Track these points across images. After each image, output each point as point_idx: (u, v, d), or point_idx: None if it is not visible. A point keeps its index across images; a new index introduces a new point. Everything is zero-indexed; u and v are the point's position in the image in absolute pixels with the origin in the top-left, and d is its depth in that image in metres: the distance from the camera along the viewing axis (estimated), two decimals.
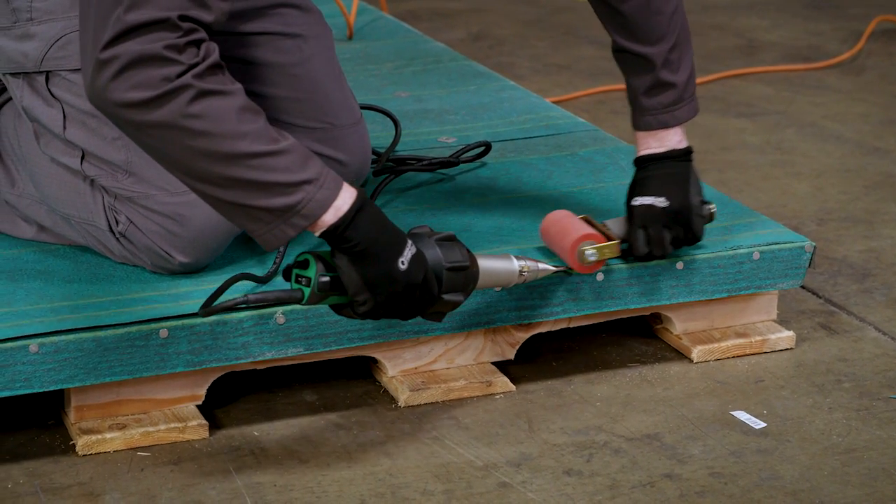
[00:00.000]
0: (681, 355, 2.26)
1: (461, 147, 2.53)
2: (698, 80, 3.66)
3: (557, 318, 2.17)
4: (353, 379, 2.16)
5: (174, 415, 2.01)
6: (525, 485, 1.91)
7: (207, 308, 1.89)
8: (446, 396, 2.11)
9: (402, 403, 2.10)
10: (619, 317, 2.23)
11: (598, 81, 3.67)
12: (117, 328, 1.95)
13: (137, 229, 2.07)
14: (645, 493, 1.90)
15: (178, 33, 1.74)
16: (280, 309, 2.01)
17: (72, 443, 1.98)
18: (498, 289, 2.10)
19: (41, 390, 1.93)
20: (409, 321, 2.07)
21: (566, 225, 2.13)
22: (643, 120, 2.16)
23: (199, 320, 1.97)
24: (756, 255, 2.23)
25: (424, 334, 2.10)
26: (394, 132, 2.58)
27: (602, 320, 2.23)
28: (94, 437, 1.96)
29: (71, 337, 1.93)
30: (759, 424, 2.06)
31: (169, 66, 1.73)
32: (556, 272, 2.10)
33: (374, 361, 2.14)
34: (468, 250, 1.96)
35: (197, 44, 1.76)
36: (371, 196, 2.33)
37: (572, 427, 2.05)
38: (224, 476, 1.92)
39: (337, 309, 1.91)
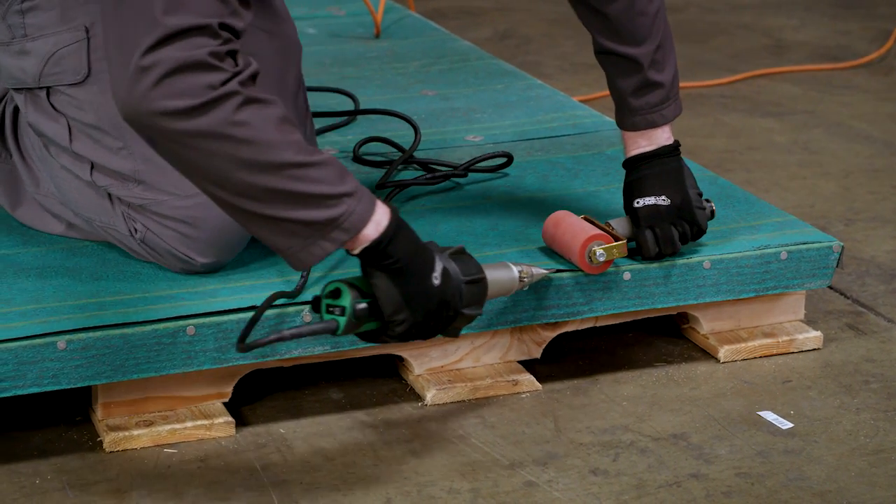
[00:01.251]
0: (707, 355, 2.25)
1: (476, 157, 2.49)
2: (725, 80, 3.66)
3: (584, 317, 2.16)
4: (380, 377, 2.16)
5: (201, 412, 2.02)
6: (551, 484, 1.91)
7: (244, 344, 1.85)
8: (472, 395, 2.11)
9: (428, 402, 2.10)
10: (645, 316, 2.23)
11: None
12: (144, 325, 1.95)
13: (155, 235, 2.06)
14: (671, 492, 1.89)
15: (219, 41, 1.71)
16: (306, 308, 2.01)
17: (99, 439, 1.98)
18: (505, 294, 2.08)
19: (69, 387, 1.94)
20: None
21: (572, 226, 2.12)
22: (632, 120, 2.15)
23: (226, 318, 1.97)
24: (784, 255, 2.23)
25: None
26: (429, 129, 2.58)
27: (629, 320, 2.22)
28: (121, 434, 1.96)
29: (98, 334, 1.93)
30: (787, 425, 2.06)
31: (214, 73, 1.69)
32: (550, 273, 2.09)
33: (401, 360, 2.14)
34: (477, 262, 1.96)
35: (233, 54, 1.73)
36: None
37: (598, 426, 2.05)
38: (250, 473, 1.92)
39: (368, 336, 1.88)
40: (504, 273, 2.02)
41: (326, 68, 3.12)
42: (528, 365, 2.18)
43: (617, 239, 2.12)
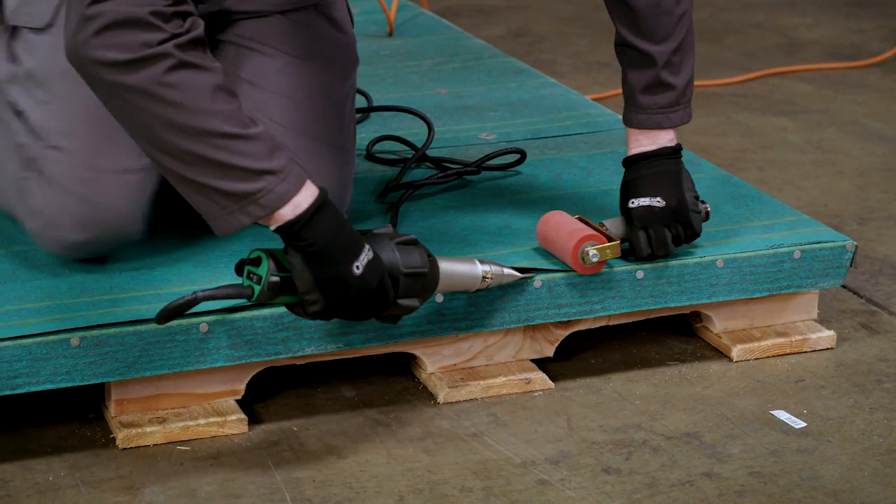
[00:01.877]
0: (720, 354, 2.25)
1: (489, 154, 2.49)
2: (738, 79, 3.65)
3: (597, 315, 2.16)
4: (392, 375, 2.17)
5: (214, 409, 2.02)
6: (564, 482, 1.91)
7: (160, 315, 1.85)
8: (485, 393, 2.11)
9: (440, 400, 2.10)
10: (658, 315, 2.23)
11: None
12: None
13: (35, 188, 2.06)
14: (684, 491, 1.89)
15: (167, 1, 1.74)
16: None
17: (112, 436, 1.99)
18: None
19: (82, 384, 1.94)
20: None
21: (565, 226, 2.12)
22: (637, 117, 2.15)
23: (239, 315, 1.98)
24: (797, 254, 2.22)
25: (464, 331, 2.10)
26: (444, 127, 2.58)
27: (642, 318, 2.22)
28: (134, 431, 1.97)
29: (112, 331, 1.93)
30: (800, 424, 2.06)
31: (152, 31, 1.73)
32: (523, 277, 2.08)
33: (413, 358, 2.15)
34: (429, 254, 1.95)
35: (183, 15, 1.76)
36: (395, 208, 2.30)
37: (611, 425, 2.05)
38: (263, 471, 1.92)
39: (289, 307, 1.90)
40: (465, 268, 2.01)
41: None
42: (541, 363, 2.18)
43: (610, 239, 2.11)
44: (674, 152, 2.15)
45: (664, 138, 2.15)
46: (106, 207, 2.04)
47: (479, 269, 2.02)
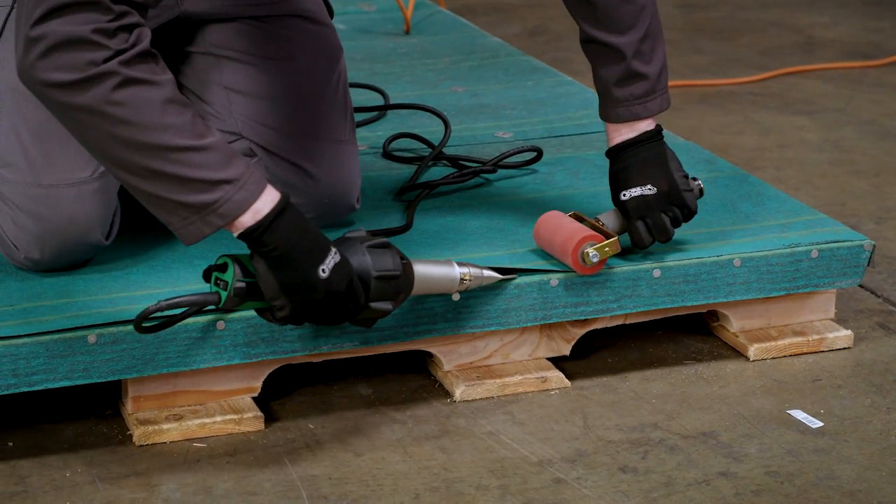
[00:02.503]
0: (737, 353, 2.25)
1: (505, 152, 2.49)
2: (756, 78, 3.65)
3: (614, 314, 2.16)
4: (409, 373, 2.17)
5: (230, 406, 2.02)
6: (580, 481, 1.90)
7: (137, 325, 1.85)
8: (501, 392, 2.11)
9: (457, 398, 2.10)
10: (675, 314, 2.22)
11: None
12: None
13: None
14: (700, 491, 1.89)
15: (110, 16, 1.71)
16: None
17: (129, 433, 1.99)
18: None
19: (99, 381, 1.94)
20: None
21: (562, 227, 2.10)
22: (615, 111, 2.13)
23: (255, 312, 1.97)
24: (814, 254, 2.22)
25: (480, 329, 2.10)
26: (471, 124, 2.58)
27: (658, 317, 2.22)
28: (150, 428, 1.97)
29: (129, 328, 1.94)
30: (817, 424, 2.05)
31: (95, 50, 1.71)
32: (504, 279, 2.07)
33: (430, 356, 2.14)
34: (402, 257, 1.94)
35: (129, 28, 1.74)
36: (411, 207, 2.30)
37: (627, 424, 2.04)
38: (279, 468, 1.92)
39: (259, 312, 1.90)
40: (442, 271, 2.00)
41: (356, 64, 3.12)
42: (557, 362, 2.18)
43: (608, 236, 2.10)
44: (655, 135, 2.13)
45: (643, 124, 2.13)
46: (59, 222, 2.02)
47: (457, 271, 2.01)
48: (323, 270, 1.84)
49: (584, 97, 2.90)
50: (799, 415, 2.07)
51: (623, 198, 2.12)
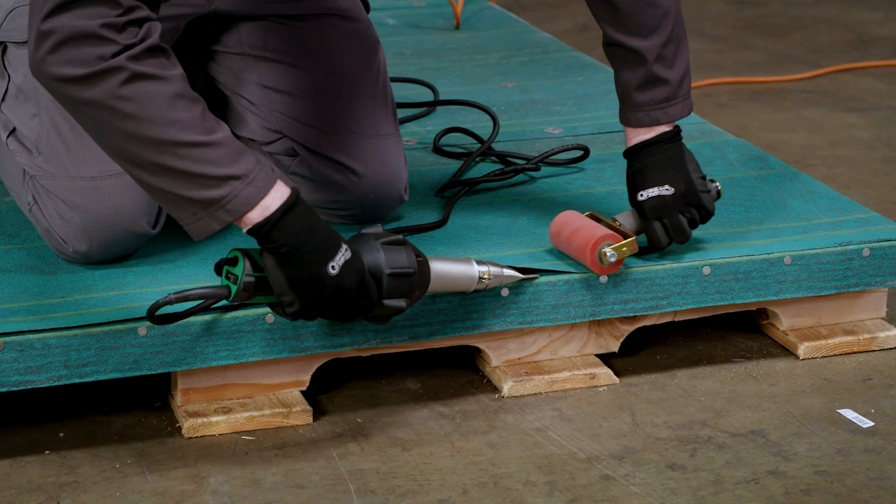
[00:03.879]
0: (787, 351, 2.23)
1: (550, 150, 2.48)
2: (807, 75, 3.62)
3: (663, 311, 2.15)
4: (457, 368, 2.17)
5: (279, 400, 2.03)
6: (628, 478, 1.90)
7: (151, 314, 1.86)
8: (549, 388, 2.11)
9: (505, 394, 2.09)
10: (725, 311, 2.21)
11: (704, 74, 3.64)
12: (224, 313, 1.96)
13: (39, 210, 2.08)
14: (749, 489, 1.88)
15: (119, 11, 1.72)
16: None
17: (178, 425, 2.00)
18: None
19: (149, 373, 1.95)
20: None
21: (580, 227, 2.09)
22: (635, 116, 2.11)
23: None
24: (866, 252, 2.20)
25: (529, 325, 2.10)
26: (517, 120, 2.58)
27: (708, 314, 2.21)
28: (199, 420, 1.98)
29: (179, 321, 1.94)
30: (867, 423, 2.04)
31: (104, 45, 1.71)
32: (525, 279, 2.06)
33: (478, 351, 2.14)
34: (418, 254, 1.93)
35: (138, 23, 1.74)
36: (449, 204, 2.29)
37: (676, 421, 2.04)
38: (327, 462, 1.93)
39: (270, 307, 1.90)
40: (460, 269, 1.99)
41: (406, 59, 3.12)
42: (606, 358, 2.17)
43: (625, 236, 2.09)
44: (673, 136, 2.12)
45: (663, 125, 2.12)
46: (104, 213, 2.03)
47: (476, 269, 2.00)
48: (333, 267, 1.83)
49: None
50: (849, 414, 2.06)
51: (640, 198, 2.10)
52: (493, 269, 2.02)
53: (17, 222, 2.21)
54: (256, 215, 1.79)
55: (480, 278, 2.01)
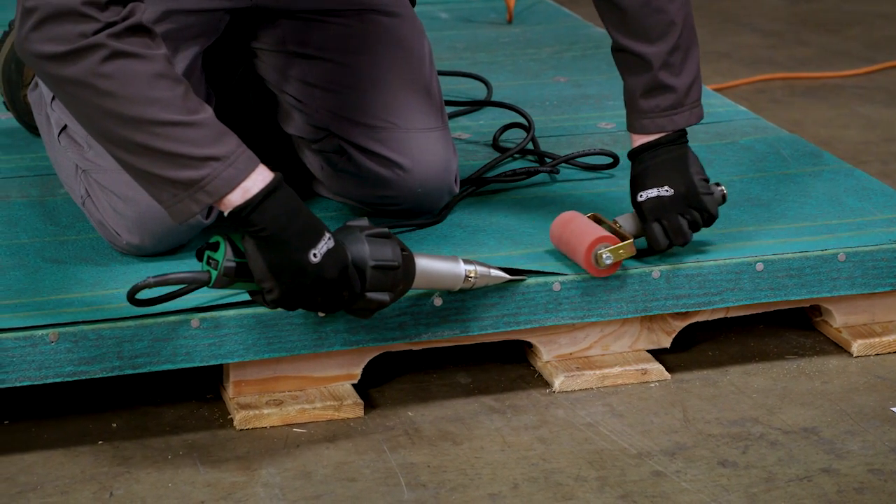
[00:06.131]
0: (840, 349, 2.22)
1: (573, 153, 2.44)
2: (862, 70, 3.60)
3: (715, 307, 2.14)
4: (508, 363, 2.16)
5: (330, 393, 2.03)
6: (679, 474, 1.89)
7: (131, 298, 1.86)
8: (601, 383, 2.10)
9: (556, 388, 2.09)
10: (777, 308, 2.20)
11: (758, 70, 3.62)
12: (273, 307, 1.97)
13: (93, 203, 2.09)
14: (801, 487, 1.87)
15: None
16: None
17: (229, 417, 2.01)
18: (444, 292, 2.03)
19: (201, 365, 1.96)
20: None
21: (578, 228, 2.07)
22: (640, 122, 2.09)
23: None
24: None
25: (581, 320, 2.09)
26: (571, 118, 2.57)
27: (760, 311, 2.20)
28: (251, 413, 1.99)
29: (231, 313, 1.95)
30: None
31: (85, 22, 1.72)
32: (512, 280, 2.04)
33: (529, 346, 2.14)
34: (404, 249, 1.91)
35: (122, 2, 1.74)
36: (451, 202, 2.26)
37: (728, 418, 2.03)
38: (378, 455, 1.93)
39: (251, 295, 1.89)
40: (445, 266, 1.97)
41: (459, 53, 3.12)
42: (658, 354, 2.17)
43: (624, 238, 2.07)
44: (678, 138, 2.09)
45: (668, 133, 2.09)
46: (156, 205, 2.00)
47: (462, 268, 1.98)
48: (314, 255, 1.82)
49: None
50: None
51: (640, 198, 2.08)
52: (480, 269, 2.00)
53: (71, 214, 2.23)
54: (237, 197, 1.78)
55: (466, 277, 1.99)
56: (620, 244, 2.05)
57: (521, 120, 2.62)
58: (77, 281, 2.02)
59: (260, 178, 1.79)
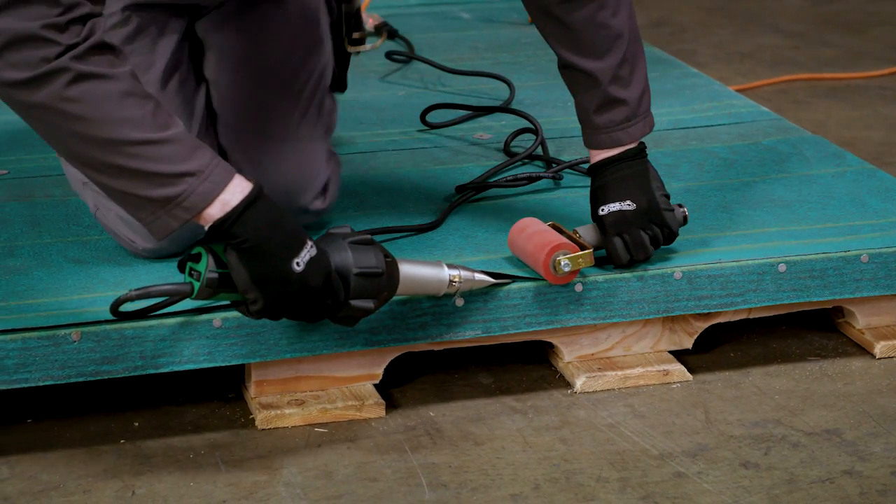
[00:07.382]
0: (863, 350, 2.21)
1: (572, 161, 2.43)
2: (885, 71, 3.59)
3: (738, 308, 2.14)
4: (529, 363, 2.16)
5: (352, 393, 2.03)
6: (701, 476, 1.89)
7: (114, 310, 1.85)
8: (622, 384, 2.10)
9: (577, 389, 2.09)
10: (800, 309, 2.19)
11: (780, 70, 3.61)
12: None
13: (103, 214, 2.09)
14: (824, 489, 1.86)
15: (59, 10, 1.68)
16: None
17: (251, 417, 2.01)
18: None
19: (223, 364, 1.96)
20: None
21: (537, 235, 2.05)
22: (597, 138, 2.07)
23: None
24: None
25: (602, 320, 2.09)
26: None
27: (783, 312, 2.19)
28: (273, 412, 1.99)
29: None
30: None
31: (47, 46, 1.68)
32: (497, 284, 2.03)
33: (551, 346, 2.14)
34: (387, 255, 1.90)
35: (82, 20, 1.70)
36: (447, 209, 2.26)
37: (750, 419, 2.02)
38: (399, 455, 1.93)
39: (234, 306, 1.88)
40: (429, 272, 1.96)
41: (480, 53, 3.12)
42: (679, 355, 2.16)
43: (583, 248, 2.06)
44: (638, 153, 2.08)
45: (626, 145, 2.08)
46: None
47: (446, 273, 1.97)
48: (297, 264, 1.79)
49: (710, 89, 2.87)
50: None
51: (601, 213, 2.06)
52: (464, 273, 1.99)
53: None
54: (216, 211, 1.76)
55: (451, 282, 1.98)
56: (580, 253, 2.03)
57: (543, 118, 2.62)
58: (100, 280, 2.03)
59: (238, 189, 1.77)
